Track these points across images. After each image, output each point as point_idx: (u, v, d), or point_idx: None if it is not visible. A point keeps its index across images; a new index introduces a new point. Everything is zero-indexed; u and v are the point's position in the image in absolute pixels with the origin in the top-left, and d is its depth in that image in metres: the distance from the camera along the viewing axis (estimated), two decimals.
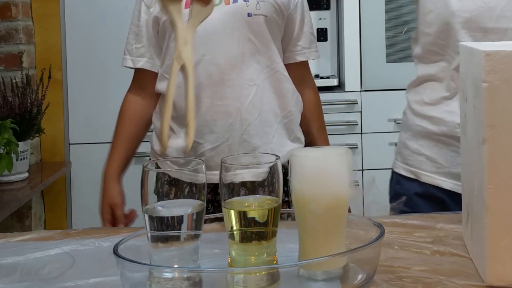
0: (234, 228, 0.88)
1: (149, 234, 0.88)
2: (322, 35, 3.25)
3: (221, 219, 0.95)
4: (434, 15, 1.37)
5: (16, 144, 2.39)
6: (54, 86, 2.96)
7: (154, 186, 0.89)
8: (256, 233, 0.88)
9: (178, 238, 0.88)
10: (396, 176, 1.49)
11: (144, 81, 1.68)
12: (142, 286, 0.87)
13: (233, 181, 0.89)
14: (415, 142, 1.44)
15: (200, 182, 0.89)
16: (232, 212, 0.88)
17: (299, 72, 1.71)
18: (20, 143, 2.51)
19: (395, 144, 1.76)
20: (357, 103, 3.13)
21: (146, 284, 0.87)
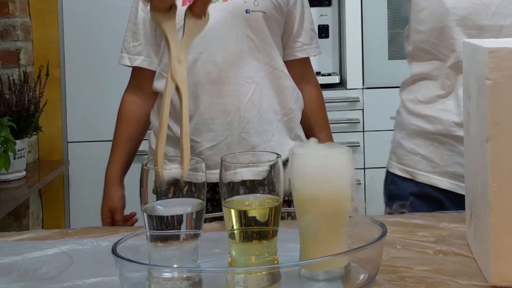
0: (235, 227, 0.87)
1: (148, 233, 0.87)
2: (323, 32, 3.24)
3: (221, 218, 0.95)
4: (428, 13, 1.36)
5: (13, 142, 2.38)
6: (52, 84, 2.94)
7: (153, 185, 0.88)
8: (256, 232, 0.87)
9: (178, 237, 0.87)
10: (391, 176, 1.47)
11: (141, 79, 1.67)
12: (141, 286, 0.86)
13: (233, 180, 0.88)
14: (410, 141, 1.42)
15: (199, 181, 0.88)
16: (232, 211, 0.87)
17: (300, 68, 1.70)
18: (17, 141, 2.50)
19: None
20: (359, 101, 3.12)
21: (145, 284, 0.86)
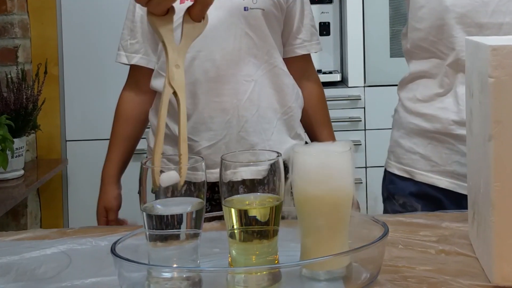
0: (235, 226, 0.87)
1: (147, 233, 0.86)
2: (324, 29, 3.22)
3: (221, 218, 0.94)
4: (427, 10, 1.35)
5: (11, 140, 2.37)
6: (50, 82, 2.94)
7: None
8: (257, 232, 0.87)
9: (177, 237, 0.86)
10: (389, 175, 1.46)
11: (139, 77, 1.66)
12: (141, 286, 0.86)
13: (232, 179, 0.87)
14: (409, 140, 1.41)
15: (199, 180, 0.87)
16: (232, 210, 0.87)
17: (301, 66, 1.69)
18: (15, 140, 2.49)
19: None
20: (360, 99, 3.11)
21: (144, 284, 0.85)
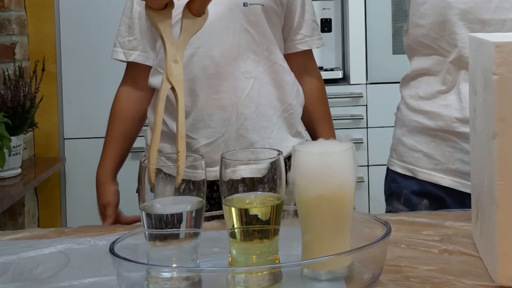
0: (235, 226, 0.86)
1: (146, 232, 0.86)
2: (326, 26, 3.21)
3: (221, 217, 0.94)
4: (429, 6, 1.34)
5: (8, 138, 2.36)
6: (48, 79, 2.93)
7: None
8: (258, 231, 0.86)
9: (177, 236, 0.86)
10: (391, 174, 1.45)
11: (136, 74, 1.64)
12: (140, 286, 0.85)
13: (232, 177, 0.86)
14: (411, 138, 1.40)
15: (199, 178, 0.87)
16: (233, 209, 0.86)
17: (302, 61, 1.67)
18: (12, 138, 2.48)
19: None
20: (362, 96, 3.10)
21: (143, 284, 0.85)
